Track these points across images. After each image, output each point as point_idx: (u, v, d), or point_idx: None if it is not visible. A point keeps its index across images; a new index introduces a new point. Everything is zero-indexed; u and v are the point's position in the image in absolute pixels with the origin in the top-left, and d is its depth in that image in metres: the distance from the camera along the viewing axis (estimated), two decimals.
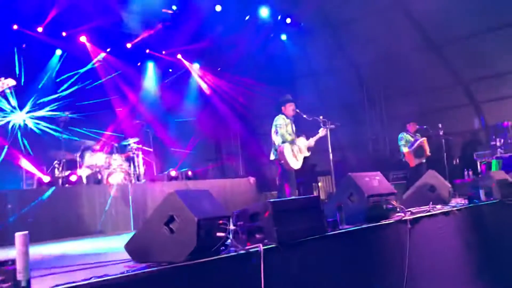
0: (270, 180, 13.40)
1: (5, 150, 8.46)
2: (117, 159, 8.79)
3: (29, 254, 2.29)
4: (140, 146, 9.44)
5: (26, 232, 2.30)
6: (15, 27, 10.00)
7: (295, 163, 6.67)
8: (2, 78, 4.02)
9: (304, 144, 6.79)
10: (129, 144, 9.32)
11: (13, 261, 2.30)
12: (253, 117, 14.20)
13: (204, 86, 13.69)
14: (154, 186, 8.44)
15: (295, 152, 6.66)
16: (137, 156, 9.22)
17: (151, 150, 9.93)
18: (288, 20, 12.92)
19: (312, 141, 6.86)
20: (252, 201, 9.60)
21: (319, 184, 13.64)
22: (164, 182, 9.63)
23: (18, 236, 2.28)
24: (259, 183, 11.01)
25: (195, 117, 12.97)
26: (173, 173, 10.30)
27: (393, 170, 11.47)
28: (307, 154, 6.88)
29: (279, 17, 12.73)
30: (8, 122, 9.72)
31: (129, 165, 8.99)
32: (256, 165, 14.84)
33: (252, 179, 10.23)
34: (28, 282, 2.25)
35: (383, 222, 4.35)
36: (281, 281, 3.22)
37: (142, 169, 9.22)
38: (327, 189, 13.23)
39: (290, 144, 6.65)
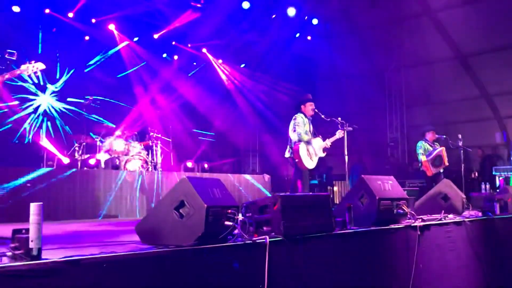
0: (285, 180, 13.45)
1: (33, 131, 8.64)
2: (136, 147, 8.92)
3: (43, 231, 2.38)
4: (159, 135, 9.56)
5: (41, 203, 2.38)
6: (47, 11, 10.22)
7: (310, 163, 6.68)
8: (33, 62, 4.14)
9: (320, 144, 6.80)
10: (148, 133, 9.45)
11: (26, 230, 2.39)
12: (273, 116, 14.23)
13: (226, 81, 13.78)
14: (170, 176, 8.53)
15: (310, 152, 6.67)
16: (156, 145, 9.34)
17: (170, 140, 10.04)
18: (315, 21, 12.91)
19: (328, 142, 6.86)
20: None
21: (335, 188, 13.61)
22: (180, 172, 9.74)
23: (33, 206, 2.37)
24: (274, 182, 11.04)
25: (215, 111, 13.06)
26: (189, 164, 10.41)
27: (410, 178, 11.40)
28: (322, 155, 6.88)
29: (306, 18, 12.73)
30: (35, 103, 9.97)
31: (147, 154, 9.12)
32: (272, 164, 14.88)
33: (267, 177, 10.26)
34: (39, 251, 2.34)
35: (392, 226, 4.35)
36: (284, 274, 3.26)
37: (159, 158, 9.33)
38: (342, 193, 13.20)
39: (306, 144, 6.66)
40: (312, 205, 3.60)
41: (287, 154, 6.85)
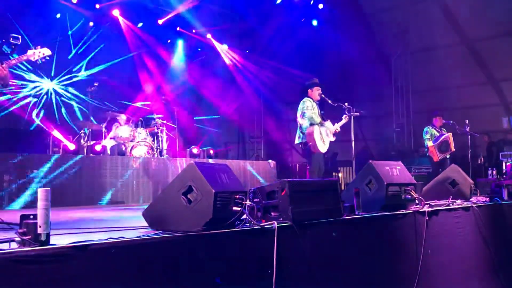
0: (290, 166, 13.43)
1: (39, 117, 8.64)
2: (142, 133, 8.92)
3: (50, 216, 2.37)
4: (164, 122, 9.55)
5: (48, 188, 2.37)
6: None
7: (322, 146, 6.62)
8: (39, 47, 4.10)
9: (331, 128, 6.75)
10: (154, 119, 9.44)
11: (34, 216, 2.38)
12: (279, 102, 14.17)
13: (231, 67, 13.70)
14: (175, 162, 8.53)
15: (323, 135, 6.61)
16: (161, 131, 9.34)
17: (175, 126, 10.02)
18: (321, 6, 12.78)
19: (337, 126, 6.80)
20: None
21: (339, 174, 13.58)
22: (186, 158, 9.73)
23: (40, 191, 2.35)
24: (279, 168, 11.03)
25: (220, 98, 13.02)
26: (195, 150, 10.40)
27: (416, 164, 11.35)
28: (333, 139, 6.82)
29: (311, 2, 12.59)
30: (40, 90, 9.95)
31: (153, 140, 9.12)
32: (277, 150, 14.87)
33: (272, 163, 10.25)
34: (47, 236, 2.33)
35: (401, 211, 4.32)
36: (293, 260, 3.25)
37: (165, 145, 9.34)
38: (347, 180, 13.18)
39: (319, 126, 6.59)
40: (320, 190, 3.58)
41: (297, 140, 6.77)
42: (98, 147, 8.48)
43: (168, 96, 11.19)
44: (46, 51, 4.20)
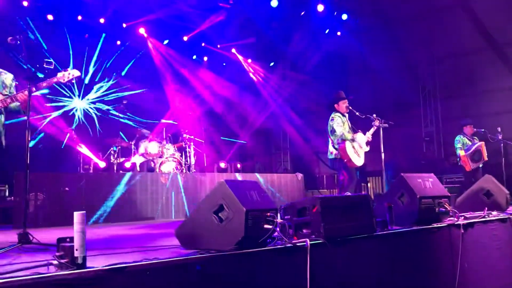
0: (317, 178, 13.33)
1: (67, 136, 8.83)
2: (170, 149, 9.01)
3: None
4: (192, 137, 9.63)
5: (83, 212, 2.40)
6: (79, 18, 10.41)
7: (358, 160, 6.59)
8: (68, 69, 4.20)
9: (363, 139, 6.69)
10: (181, 135, 9.53)
11: (71, 239, 2.42)
12: (304, 114, 14.12)
13: (256, 80, 13.75)
14: (204, 177, 8.58)
15: (356, 149, 6.57)
16: (189, 146, 9.41)
17: (203, 141, 10.09)
18: (344, 17, 12.73)
19: (369, 135, 6.73)
20: (299, 197, 9.58)
21: (368, 185, 13.40)
22: (214, 173, 9.78)
23: (77, 214, 2.39)
24: (306, 180, 10.97)
25: (246, 111, 13.06)
26: (222, 165, 10.45)
27: (447, 173, 11.11)
28: (367, 149, 6.76)
29: (335, 13, 12.56)
30: (70, 109, 10.17)
31: (181, 155, 9.20)
32: (304, 162, 14.78)
33: (300, 175, 10.19)
34: (84, 259, 2.36)
35: (435, 225, 4.23)
36: (326, 277, 3.21)
37: (193, 160, 9.40)
38: (376, 190, 12.99)
39: (351, 141, 6.57)
40: (352, 206, 3.53)
41: (330, 156, 6.73)
42: (127, 164, 8.61)
43: (195, 112, 11.29)
44: (75, 73, 4.29)
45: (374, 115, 6.58)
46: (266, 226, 3.10)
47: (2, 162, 4.27)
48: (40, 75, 4.02)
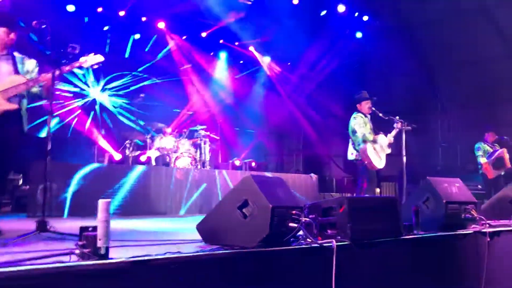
0: (328, 181, 13.20)
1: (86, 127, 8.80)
2: (185, 144, 8.94)
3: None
4: (207, 133, 9.56)
5: (109, 200, 2.32)
6: (99, 9, 10.39)
7: (379, 162, 6.44)
8: (91, 54, 4.14)
9: (384, 141, 6.54)
10: (197, 130, 9.47)
11: (94, 228, 2.34)
12: (319, 115, 13.99)
13: (273, 79, 13.66)
14: (218, 173, 8.50)
15: (377, 151, 6.43)
16: (204, 143, 9.35)
17: (218, 138, 10.02)
18: (365, 18, 12.59)
19: (391, 137, 6.57)
20: (313, 198, 9.45)
21: (377, 190, 13.23)
22: (228, 170, 9.70)
23: (101, 203, 2.31)
24: (319, 182, 10.84)
25: (262, 110, 12.97)
26: (237, 162, 10.37)
27: (464, 181, 10.90)
28: (389, 151, 6.60)
29: (356, 14, 12.43)
30: (87, 100, 10.16)
31: (196, 151, 9.13)
32: (317, 164, 14.64)
33: (314, 176, 10.08)
34: (107, 250, 2.28)
35: (461, 231, 4.10)
36: (351, 280, 3.10)
37: (208, 156, 9.33)
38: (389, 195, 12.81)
39: (372, 143, 6.42)
40: (380, 208, 3.42)
41: (351, 157, 6.57)
42: (143, 158, 8.56)
43: (211, 108, 11.23)
44: (99, 58, 4.22)
45: (397, 117, 6.44)
46: (291, 224, 3.00)
47: (23, 149, 4.21)
48: (65, 60, 3.97)
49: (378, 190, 13.03)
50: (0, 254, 2.62)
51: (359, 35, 13.07)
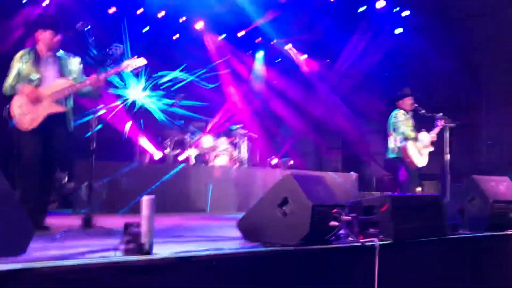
0: (367, 180, 12.99)
1: (129, 125, 9.00)
2: (224, 143, 9.01)
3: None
4: (246, 131, 9.60)
5: (153, 196, 2.36)
6: (139, 11, 10.59)
7: (421, 160, 6.30)
8: (135, 57, 4.23)
9: (427, 138, 6.38)
10: (235, 129, 9.52)
11: (138, 224, 2.38)
12: (359, 112, 13.80)
13: (311, 77, 13.57)
14: (256, 172, 8.53)
15: (419, 149, 6.28)
16: (242, 141, 9.38)
17: (256, 136, 10.04)
18: (405, 13, 12.32)
19: (433, 135, 6.40)
20: (352, 197, 9.33)
21: (418, 189, 12.93)
22: (266, 169, 9.71)
23: (145, 200, 2.35)
24: (358, 181, 10.70)
25: (300, 108, 12.92)
26: (275, 160, 10.36)
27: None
28: (431, 149, 6.45)
29: (395, 9, 12.18)
30: (128, 100, 10.38)
31: (234, 150, 9.18)
32: (356, 162, 14.44)
33: (354, 175, 9.96)
34: (151, 246, 2.32)
35: (509, 232, 3.96)
36: (393, 280, 3.05)
37: (246, 154, 9.36)
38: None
39: (414, 141, 6.27)
40: (423, 207, 3.34)
41: (391, 155, 6.44)
42: (182, 157, 8.68)
43: (249, 107, 11.27)
44: (142, 61, 4.32)
45: (441, 114, 6.27)
46: (332, 223, 2.97)
47: (67, 148, 4.35)
48: (108, 61, 4.06)
49: (419, 189, 12.78)
50: (48, 249, 2.71)
51: (399, 31, 12.80)
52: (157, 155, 8.92)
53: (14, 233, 2.41)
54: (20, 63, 4.12)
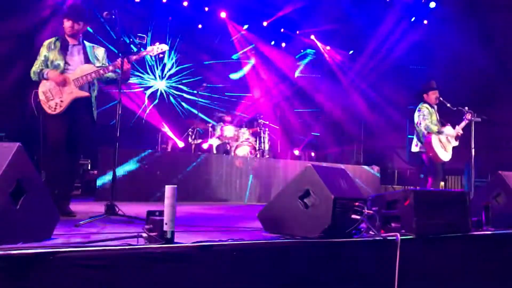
0: (389, 173, 12.85)
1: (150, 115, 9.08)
2: (245, 133, 9.03)
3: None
4: (267, 122, 9.59)
5: (175, 185, 2.37)
6: (164, 0, 10.63)
7: (445, 155, 6.21)
8: (157, 43, 4.27)
9: (452, 133, 6.28)
10: (257, 120, 9.52)
11: (160, 212, 2.40)
12: (383, 105, 13.63)
13: (335, 68, 13.44)
14: (277, 163, 8.52)
15: (443, 143, 6.20)
16: (264, 132, 9.38)
17: (278, 127, 10.02)
18: (433, 4, 12.07)
19: (459, 129, 6.30)
20: (374, 190, 9.25)
21: (441, 183, 12.74)
22: (288, 160, 9.69)
23: (168, 188, 2.37)
24: (380, 174, 10.59)
25: (322, 99, 12.83)
26: (296, 152, 10.33)
27: None
28: (456, 143, 6.35)
29: (423, 0, 11.95)
30: (151, 88, 10.47)
31: (256, 140, 9.19)
32: (377, 156, 14.29)
33: (376, 168, 9.87)
34: (173, 234, 2.34)
35: None
36: (415, 275, 3.02)
37: (267, 145, 9.37)
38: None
39: (438, 134, 6.19)
40: (447, 202, 3.29)
41: (415, 149, 6.37)
42: (205, 146, 8.74)
43: (272, 98, 11.24)
44: (164, 47, 4.35)
45: (466, 108, 6.14)
46: (353, 216, 2.95)
47: (92, 136, 4.42)
48: (134, 49, 4.11)
49: (442, 183, 12.60)
50: (73, 235, 2.76)
51: (425, 22, 12.56)
52: (180, 143, 8.99)
53: (40, 219, 2.46)
54: (46, 51, 4.24)
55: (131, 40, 4.08)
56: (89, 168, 8.73)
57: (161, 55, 4.11)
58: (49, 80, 4.12)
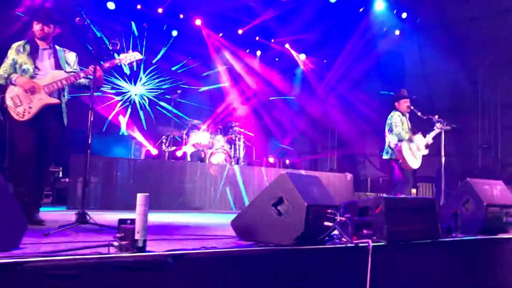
0: (362, 180, 13.02)
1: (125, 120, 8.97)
2: (220, 140, 9.02)
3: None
4: (242, 130, 9.60)
5: (147, 194, 2.35)
6: (138, 7, 10.57)
7: (414, 162, 6.32)
8: (130, 51, 4.22)
9: (422, 141, 6.40)
10: (232, 127, 9.52)
11: (132, 221, 2.38)
12: (355, 113, 13.82)
13: (309, 76, 13.57)
14: (252, 170, 8.53)
15: (413, 151, 6.31)
16: (239, 139, 9.39)
17: (252, 135, 10.04)
18: (404, 15, 12.34)
19: (429, 138, 6.42)
20: (347, 198, 9.35)
21: (413, 190, 12.97)
22: (262, 167, 9.71)
23: (140, 196, 2.34)
24: (354, 182, 10.72)
25: (297, 107, 12.93)
26: (271, 159, 10.37)
27: (507, 184, 10.55)
28: (426, 152, 6.46)
29: (394, 11, 12.20)
30: (125, 95, 10.36)
31: (230, 147, 9.18)
32: (351, 163, 14.46)
33: (349, 175, 9.97)
34: (144, 243, 2.31)
35: (502, 235, 3.97)
36: (386, 281, 3.05)
37: (242, 153, 9.38)
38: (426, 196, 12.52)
39: (408, 142, 6.30)
40: (417, 209, 3.35)
41: (386, 156, 6.48)
42: (179, 153, 8.70)
43: (246, 105, 11.26)
44: (137, 55, 4.31)
45: (436, 117, 6.28)
46: (326, 223, 2.97)
47: (63, 143, 4.32)
48: (106, 56, 4.08)
49: (414, 190, 12.82)
50: (42, 244, 2.70)
51: (397, 32, 12.83)
52: (153, 151, 8.92)
53: (7, 228, 2.40)
54: (15, 53, 4.08)
55: (104, 46, 4.04)
56: (60, 175, 8.56)
57: (133, 64, 4.06)
58: (17, 85, 3.97)
